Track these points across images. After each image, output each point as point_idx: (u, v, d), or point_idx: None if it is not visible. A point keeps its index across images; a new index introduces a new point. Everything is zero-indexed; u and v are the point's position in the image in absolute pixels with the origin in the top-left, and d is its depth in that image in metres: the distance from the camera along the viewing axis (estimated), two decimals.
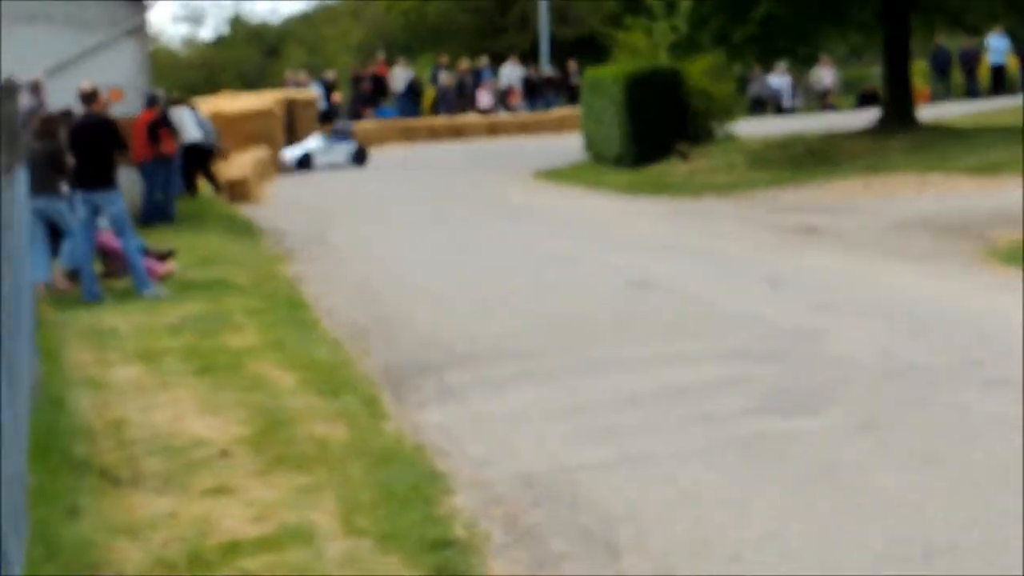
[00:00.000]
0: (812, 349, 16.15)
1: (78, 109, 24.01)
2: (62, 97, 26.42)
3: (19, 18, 31.46)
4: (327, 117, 55.36)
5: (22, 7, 31.51)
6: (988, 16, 42.65)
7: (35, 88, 26.01)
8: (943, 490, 10.86)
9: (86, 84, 24.34)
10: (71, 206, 22.84)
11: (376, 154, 49.66)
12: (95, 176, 22.64)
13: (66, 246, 23.04)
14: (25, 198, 16.93)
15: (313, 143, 47.28)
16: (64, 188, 22.87)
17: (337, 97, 59.09)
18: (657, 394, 14.41)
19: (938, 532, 9.94)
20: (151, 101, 32.13)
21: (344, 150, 46.31)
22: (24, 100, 23.94)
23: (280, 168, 44.84)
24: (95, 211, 22.73)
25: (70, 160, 22.66)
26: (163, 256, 24.80)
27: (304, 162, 45.48)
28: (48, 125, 22.94)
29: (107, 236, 23.50)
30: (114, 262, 24.22)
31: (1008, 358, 15.13)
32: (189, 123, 35.38)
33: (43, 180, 21.91)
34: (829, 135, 40.56)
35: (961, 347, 15.85)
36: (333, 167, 45.28)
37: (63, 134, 23.21)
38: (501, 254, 25.63)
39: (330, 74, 60.81)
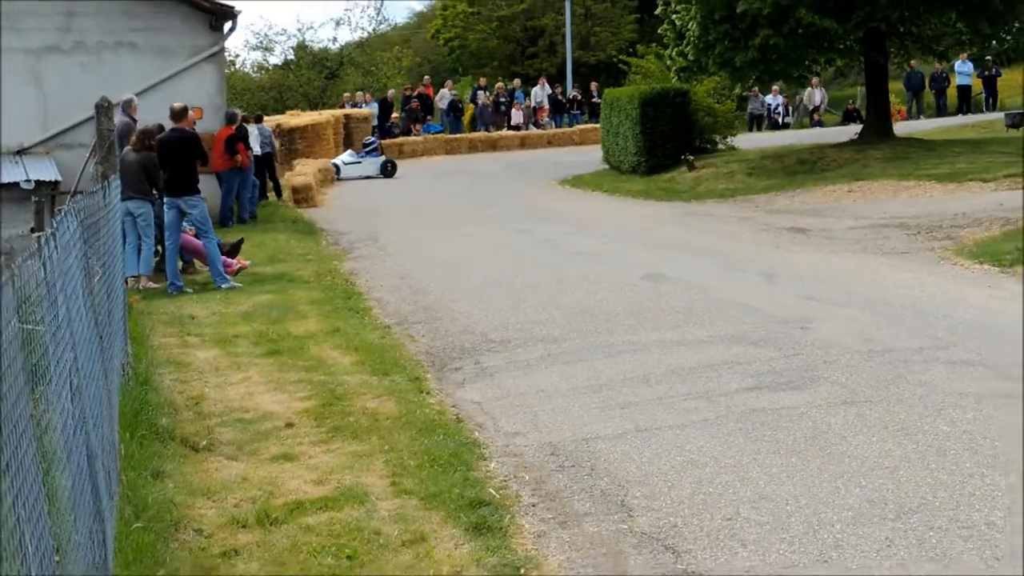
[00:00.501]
0: (801, 334, 16.13)
1: (169, 125, 24.12)
2: (152, 115, 26.49)
3: (113, 46, 31.59)
4: (385, 132, 55.44)
5: (116, 37, 31.64)
6: (955, 44, 42.64)
7: (128, 106, 26.05)
8: (914, 456, 10.87)
9: (177, 104, 24.50)
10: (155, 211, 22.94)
11: (422, 164, 49.78)
12: (180, 183, 22.79)
13: (144, 251, 23.08)
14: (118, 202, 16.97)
15: (345, 157, 47.17)
16: (153, 194, 22.98)
17: (395, 115, 59.16)
18: (666, 374, 14.42)
19: (909, 493, 9.95)
20: (230, 118, 32.19)
21: (374, 163, 46.19)
22: (118, 117, 24.02)
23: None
24: (180, 213, 22.85)
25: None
26: (235, 245, 24.90)
27: (335, 173, 45.33)
28: (144, 138, 23.03)
29: (187, 236, 23.59)
30: (190, 259, 24.34)
31: (972, 342, 15.16)
32: (255, 138, 35.43)
33: (137, 186, 22.06)
34: (817, 147, 40.48)
35: (931, 332, 15.83)
36: (365, 178, 45.13)
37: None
38: (530, 251, 25.63)
39: (388, 94, 60.84)
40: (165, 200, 23.11)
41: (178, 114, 23.78)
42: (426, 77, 65.60)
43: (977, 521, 9.28)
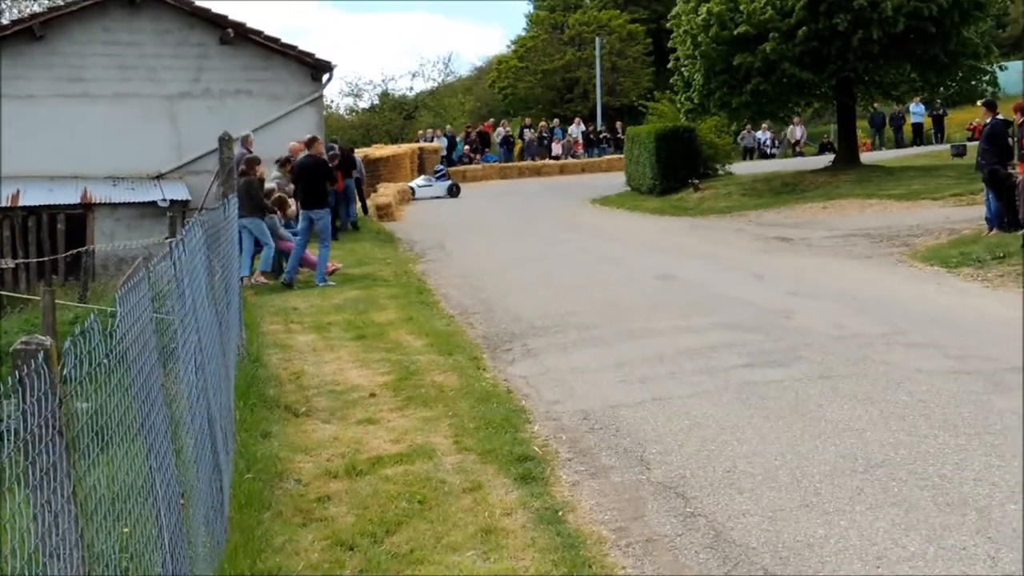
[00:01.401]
0: (785, 322, 16.03)
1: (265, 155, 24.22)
2: (264, 148, 26.65)
3: (231, 93, 31.71)
4: (451, 161, 55.61)
5: (235, 85, 31.79)
6: (910, 90, 42.51)
7: (245, 140, 26.17)
8: (878, 421, 10.77)
9: (308, 135, 24.80)
10: (265, 225, 22.97)
11: (481, 187, 49.78)
12: (312, 198, 22.88)
13: (264, 253, 23.13)
14: (235, 216, 16.97)
15: (419, 180, 47.23)
16: (260, 211, 22.99)
17: (467, 148, 59.33)
18: (676, 354, 14.33)
19: (875, 450, 9.87)
20: (331, 150, 32.25)
21: (443, 186, 46.19)
22: (237, 149, 24.09)
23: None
24: (310, 223, 22.93)
25: (266, 191, 22.92)
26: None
27: (411, 194, 45.36)
28: (249, 165, 23.07)
29: (287, 244, 23.60)
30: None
31: (926, 328, 15.07)
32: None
33: (247, 205, 22.08)
34: (799, 172, 40.34)
35: (891, 321, 15.72)
36: (435, 198, 45.13)
37: (262, 171, 23.38)
38: (566, 255, 25.53)
39: (452, 130, 60.91)
40: (301, 212, 23.28)
41: (309, 143, 23.98)
42: (487, 119, 65.74)
43: (931, 473, 9.23)
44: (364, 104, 73.74)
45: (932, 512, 8.41)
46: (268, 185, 24.50)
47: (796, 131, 60.07)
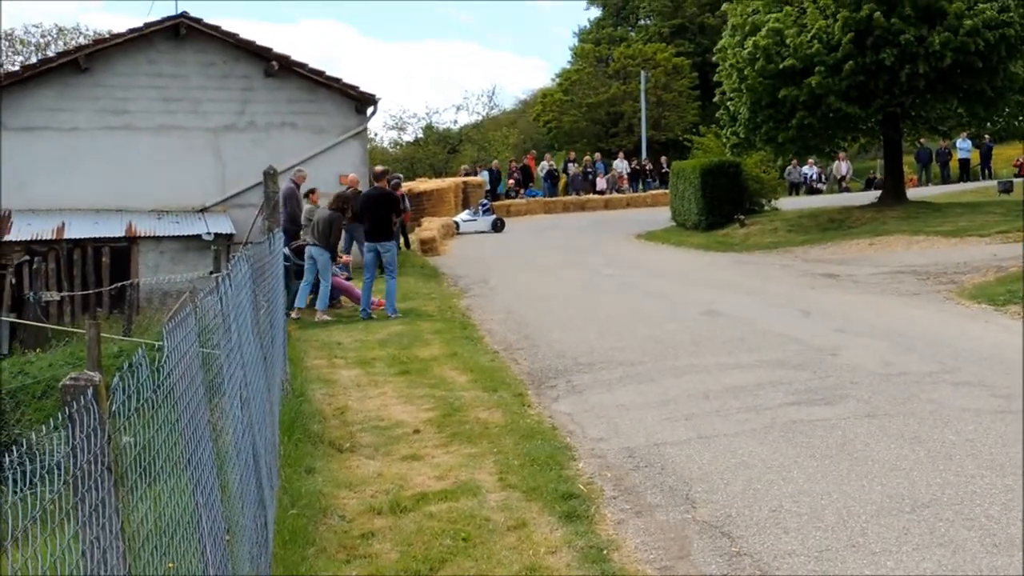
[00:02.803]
0: (832, 359, 15.98)
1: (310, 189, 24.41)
2: (310, 181, 26.82)
3: (278, 126, 31.90)
4: (495, 196, 55.59)
5: (280, 118, 31.98)
6: (957, 126, 42.50)
7: (296, 175, 26.42)
8: (925, 460, 10.72)
9: (379, 167, 25.13)
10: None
11: (525, 222, 49.76)
12: (379, 230, 23.00)
13: (322, 290, 23.16)
14: (279, 251, 17.05)
15: (463, 215, 47.28)
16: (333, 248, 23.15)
17: (511, 183, 59.37)
18: (722, 391, 14.30)
19: (921, 490, 9.82)
20: (395, 180, 32.32)
21: (487, 220, 46.20)
22: (284, 184, 24.32)
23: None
24: (376, 255, 23.05)
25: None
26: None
27: (455, 228, 45.40)
28: (339, 201, 23.26)
29: (337, 279, 23.69)
30: (338, 296, 24.44)
31: (974, 367, 14.98)
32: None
33: (322, 237, 22.33)
34: (845, 208, 40.18)
35: (939, 359, 15.65)
36: (479, 233, 45.14)
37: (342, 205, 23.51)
38: (611, 290, 25.52)
39: (493, 165, 60.92)
40: (366, 244, 23.39)
41: (378, 176, 24.23)
42: (530, 152, 65.80)
43: (978, 514, 9.18)
44: (408, 137, 73.97)
45: (979, 553, 8.37)
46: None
47: (842, 166, 59.93)
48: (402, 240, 35.91)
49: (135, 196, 30.79)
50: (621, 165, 63.16)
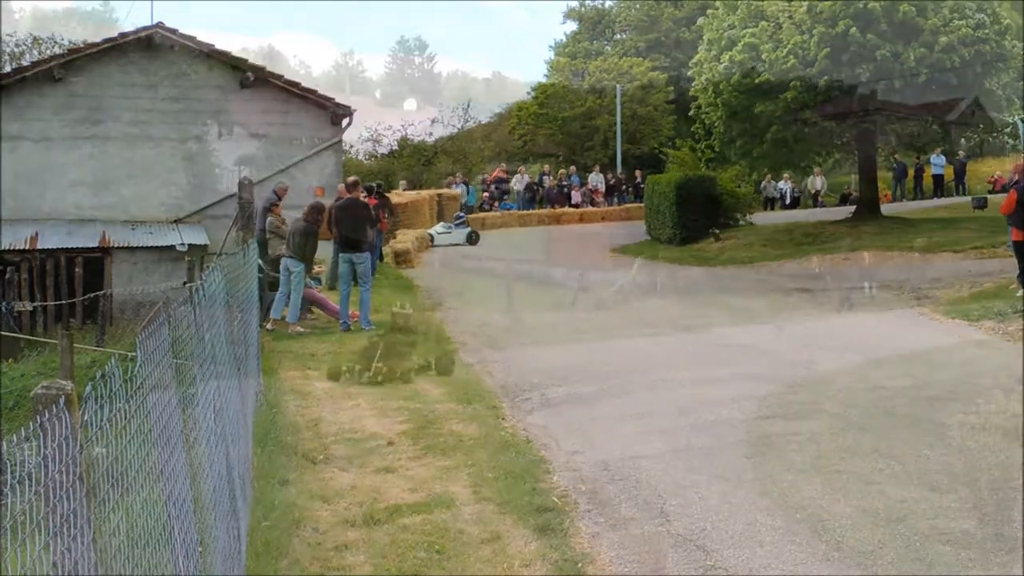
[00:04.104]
0: (805, 372, 16.04)
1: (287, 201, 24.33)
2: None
3: (252, 136, 31.87)
4: (470, 209, 55.51)
5: (252, 129, 31.91)
6: (931, 142, 42.64)
7: (278, 187, 26.35)
8: (899, 473, 10.77)
9: (351, 177, 25.11)
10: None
11: (500, 235, 49.72)
12: (353, 241, 22.92)
13: (293, 300, 23.00)
14: (254, 262, 17.01)
15: (438, 227, 47.19)
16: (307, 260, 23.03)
17: (485, 195, 59.33)
18: (697, 405, 14.33)
19: (896, 504, 9.86)
20: (368, 190, 32.16)
21: (462, 233, 46.14)
22: (264, 195, 24.29)
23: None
24: (351, 266, 22.97)
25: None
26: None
27: (430, 240, 45.30)
28: (312, 212, 23.07)
29: (309, 290, 23.58)
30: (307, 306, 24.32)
31: (947, 382, 15.03)
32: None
33: (297, 249, 22.23)
34: (819, 223, 40.32)
35: (912, 373, 15.71)
36: (454, 245, 45.07)
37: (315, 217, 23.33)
38: (583, 303, 25.54)
39: (465, 177, 60.86)
40: (340, 255, 23.32)
41: (351, 186, 24.19)
42: (503, 165, 65.86)
43: (953, 529, 9.21)
44: (383, 149, 73.89)
45: (955, 567, 8.41)
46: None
47: (816, 181, 60.06)
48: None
49: (109, 206, 30.67)
50: (596, 179, 63.21)
